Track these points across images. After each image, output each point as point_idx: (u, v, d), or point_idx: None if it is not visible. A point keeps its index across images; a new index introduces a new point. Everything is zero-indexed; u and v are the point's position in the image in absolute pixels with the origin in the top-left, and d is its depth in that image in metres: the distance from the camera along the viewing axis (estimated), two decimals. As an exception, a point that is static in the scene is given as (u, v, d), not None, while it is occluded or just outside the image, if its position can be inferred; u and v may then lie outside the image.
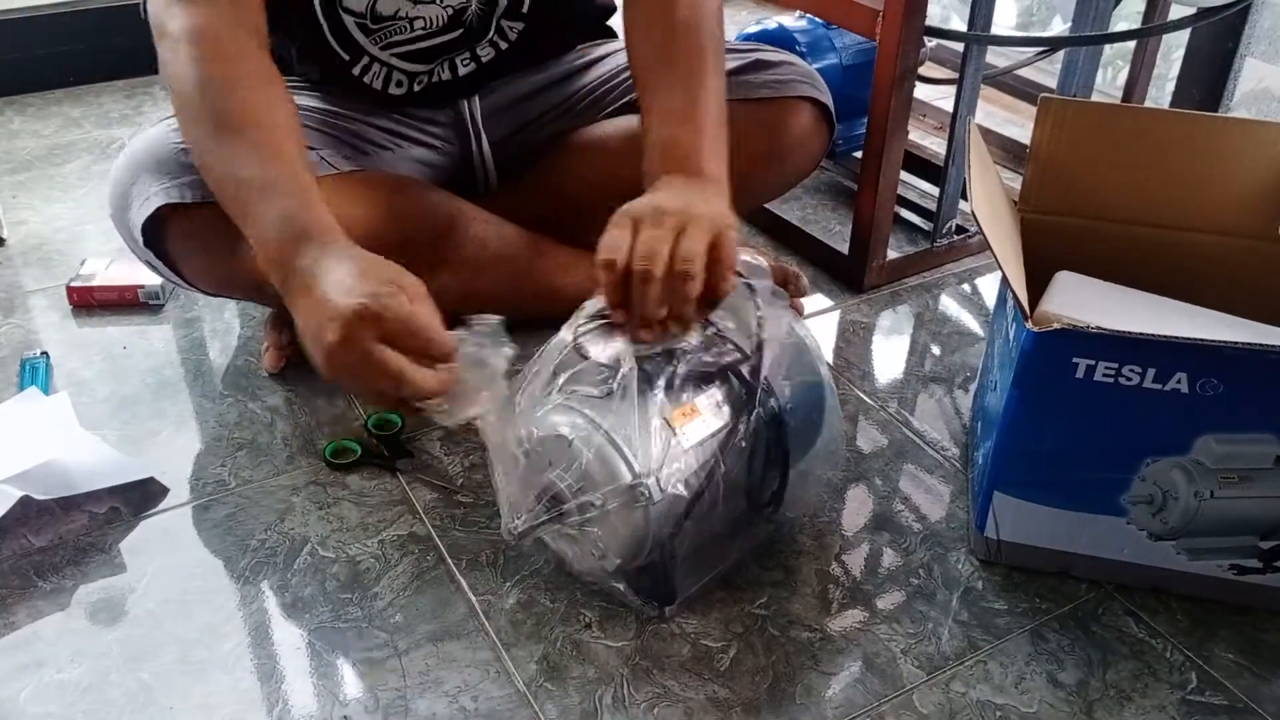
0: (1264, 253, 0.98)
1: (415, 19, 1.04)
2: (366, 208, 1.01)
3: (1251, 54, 1.44)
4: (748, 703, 0.79)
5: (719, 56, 0.95)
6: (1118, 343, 0.77)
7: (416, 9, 1.04)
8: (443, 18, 1.06)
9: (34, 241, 1.39)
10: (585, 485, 0.77)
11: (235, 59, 0.86)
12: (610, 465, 0.76)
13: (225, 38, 0.86)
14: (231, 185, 0.83)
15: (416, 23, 1.05)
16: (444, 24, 1.06)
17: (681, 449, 0.78)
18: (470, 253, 1.09)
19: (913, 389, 1.14)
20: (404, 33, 1.05)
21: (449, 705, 0.78)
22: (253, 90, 0.85)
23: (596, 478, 0.77)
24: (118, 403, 1.09)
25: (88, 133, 1.69)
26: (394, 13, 1.04)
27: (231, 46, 0.86)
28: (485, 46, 1.11)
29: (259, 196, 0.81)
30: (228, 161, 0.83)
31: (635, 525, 0.78)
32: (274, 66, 0.89)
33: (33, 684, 0.80)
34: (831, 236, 1.42)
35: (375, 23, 1.04)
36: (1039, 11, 2.17)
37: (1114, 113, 1.05)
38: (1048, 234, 1.00)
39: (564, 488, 0.78)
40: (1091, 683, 0.81)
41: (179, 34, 0.86)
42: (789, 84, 1.12)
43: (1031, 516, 0.87)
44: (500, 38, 1.11)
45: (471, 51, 1.11)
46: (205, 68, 0.85)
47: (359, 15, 1.03)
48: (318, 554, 0.91)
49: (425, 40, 1.07)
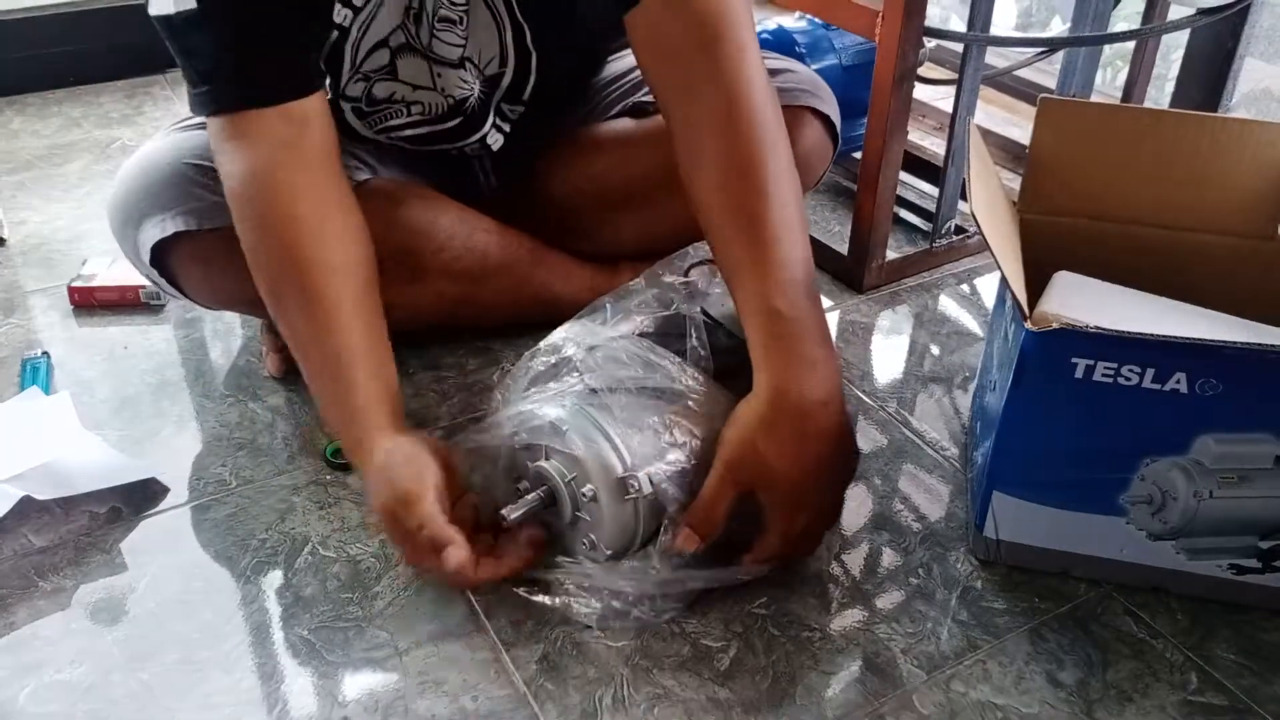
0: (1264, 253, 0.98)
1: (413, 104, 1.01)
2: (367, 219, 1.00)
3: (1251, 54, 1.44)
4: (748, 703, 0.79)
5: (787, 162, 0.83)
6: (1117, 343, 0.77)
7: (416, 93, 1.01)
8: (443, 106, 1.02)
9: (34, 241, 1.39)
10: (578, 476, 0.79)
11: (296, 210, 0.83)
12: (603, 457, 0.78)
13: (283, 184, 0.83)
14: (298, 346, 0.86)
15: (414, 107, 1.01)
16: (443, 112, 1.03)
17: (674, 446, 0.80)
18: (470, 263, 1.08)
19: (912, 389, 1.14)
20: (399, 117, 1.02)
21: (449, 705, 0.79)
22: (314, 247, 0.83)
23: (589, 468, 0.78)
24: (118, 403, 1.10)
25: (88, 133, 1.69)
26: (389, 95, 1.00)
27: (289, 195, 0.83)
28: (493, 133, 1.08)
29: (319, 373, 0.85)
30: (292, 324, 0.85)
31: (625, 519, 0.79)
32: (341, 188, 0.87)
33: (33, 684, 0.80)
34: (831, 236, 1.42)
35: (370, 105, 1.00)
36: (1039, 11, 2.17)
37: (1114, 113, 1.05)
38: (1047, 234, 1.00)
39: (556, 477, 0.80)
40: (1091, 683, 0.81)
41: (237, 176, 0.84)
42: (790, 92, 1.09)
43: (1031, 516, 0.87)
44: (503, 120, 1.08)
45: (481, 141, 1.08)
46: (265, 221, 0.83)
47: (354, 100, 1.00)
48: (318, 554, 0.91)
49: (424, 126, 1.04)
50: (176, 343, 1.20)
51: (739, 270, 0.80)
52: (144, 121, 1.72)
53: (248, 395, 1.11)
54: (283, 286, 0.84)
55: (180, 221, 0.95)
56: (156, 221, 0.95)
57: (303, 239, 0.83)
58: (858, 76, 1.41)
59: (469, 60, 1.01)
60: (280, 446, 1.03)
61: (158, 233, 0.95)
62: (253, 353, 1.17)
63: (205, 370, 1.15)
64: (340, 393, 0.84)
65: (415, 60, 1.00)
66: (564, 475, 0.80)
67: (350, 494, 0.98)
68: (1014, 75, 1.66)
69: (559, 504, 0.81)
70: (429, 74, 1.00)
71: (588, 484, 0.79)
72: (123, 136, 1.67)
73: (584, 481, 0.79)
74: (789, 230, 0.80)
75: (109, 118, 1.74)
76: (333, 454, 1.01)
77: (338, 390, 0.84)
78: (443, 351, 1.16)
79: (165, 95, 1.81)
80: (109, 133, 1.69)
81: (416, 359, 1.15)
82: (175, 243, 0.96)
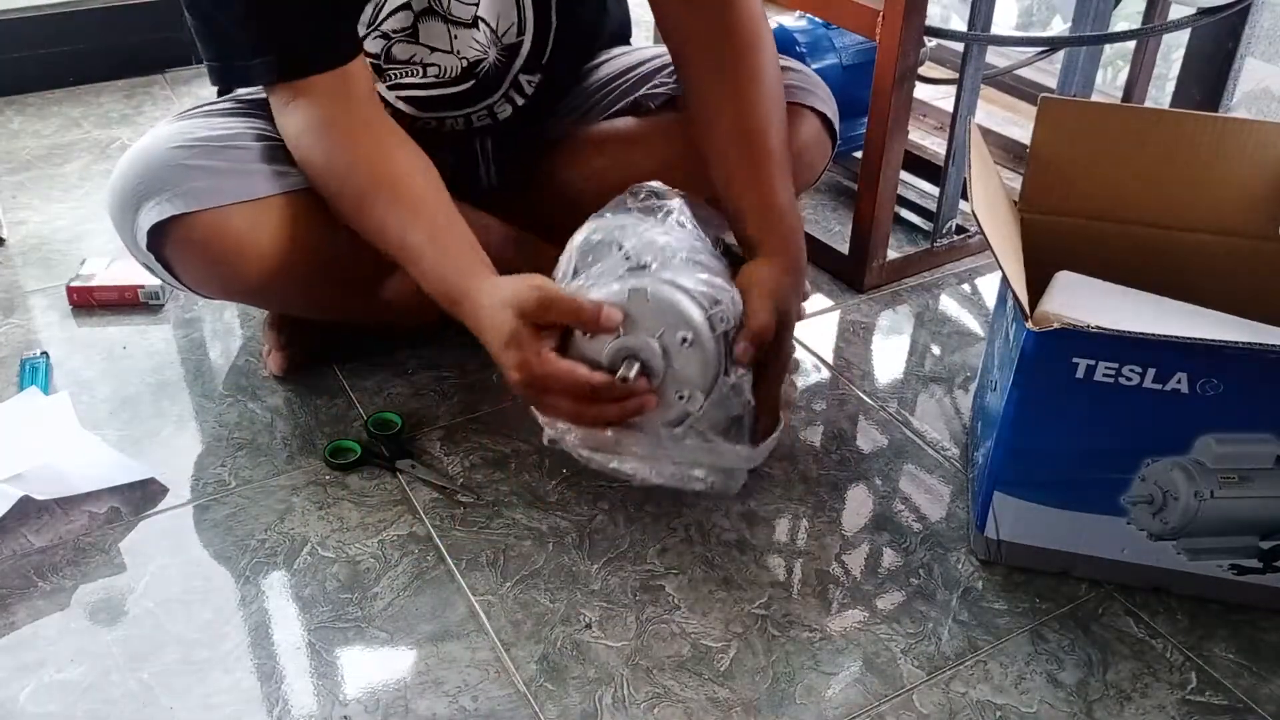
0: (1264, 253, 0.98)
1: (429, 65, 1.04)
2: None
3: (1251, 54, 1.44)
4: (748, 703, 0.79)
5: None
6: (1118, 342, 0.77)
7: (433, 55, 1.03)
8: (456, 68, 1.05)
9: (34, 241, 1.39)
10: (666, 331, 0.84)
11: (363, 139, 0.94)
12: (681, 307, 0.84)
13: (344, 123, 0.93)
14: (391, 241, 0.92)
15: (430, 69, 1.04)
16: (456, 75, 1.05)
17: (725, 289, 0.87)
18: None
19: (913, 389, 1.14)
20: (415, 76, 1.05)
21: (449, 705, 0.79)
22: (387, 163, 0.93)
23: (680, 317, 0.84)
24: (118, 403, 1.09)
25: (88, 133, 1.69)
26: (409, 57, 1.03)
27: (356, 128, 0.94)
28: (502, 103, 1.10)
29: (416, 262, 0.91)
30: (382, 226, 0.92)
31: (708, 359, 0.85)
32: (392, 123, 0.96)
33: (33, 684, 0.80)
34: (831, 236, 1.42)
35: (389, 63, 1.04)
36: (1039, 11, 2.17)
37: (1114, 113, 1.05)
38: (1048, 234, 1.00)
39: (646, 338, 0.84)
40: (1091, 683, 0.81)
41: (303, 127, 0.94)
42: (790, 90, 1.10)
43: (1031, 516, 0.87)
44: (516, 92, 1.10)
45: (489, 109, 1.10)
46: (338, 155, 0.93)
47: (374, 56, 1.03)
48: (318, 554, 0.91)
49: (435, 89, 1.06)
50: (176, 343, 1.20)
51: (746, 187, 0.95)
52: (144, 121, 1.71)
53: (247, 395, 1.11)
54: (369, 198, 0.93)
55: (180, 203, 0.95)
56: (153, 205, 0.95)
57: (380, 158, 0.94)
58: (858, 76, 1.41)
59: (482, 20, 1.03)
60: (280, 447, 1.03)
61: (155, 215, 0.95)
62: (252, 353, 1.17)
63: (205, 370, 1.15)
64: (439, 278, 0.91)
65: (436, 23, 1.02)
66: (654, 332, 0.84)
67: (350, 494, 0.98)
68: (1014, 75, 1.66)
69: (652, 367, 0.84)
70: (447, 37, 1.03)
71: (679, 332, 0.84)
72: (122, 136, 1.67)
73: (674, 332, 0.84)
74: (783, 168, 0.97)
75: (108, 118, 1.74)
76: (332, 454, 1.01)
77: (438, 272, 0.91)
78: (443, 351, 1.16)
79: (165, 95, 1.81)
80: (109, 133, 1.69)
81: (417, 359, 1.15)
82: (172, 228, 0.96)
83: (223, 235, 0.95)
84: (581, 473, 1.00)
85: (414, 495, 0.97)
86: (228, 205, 0.94)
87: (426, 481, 0.99)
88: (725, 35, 0.97)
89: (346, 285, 1.04)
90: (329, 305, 1.08)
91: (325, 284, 1.02)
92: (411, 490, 0.98)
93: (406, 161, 0.95)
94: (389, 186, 0.93)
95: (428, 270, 0.91)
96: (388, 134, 0.96)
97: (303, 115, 0.94)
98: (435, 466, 1.01)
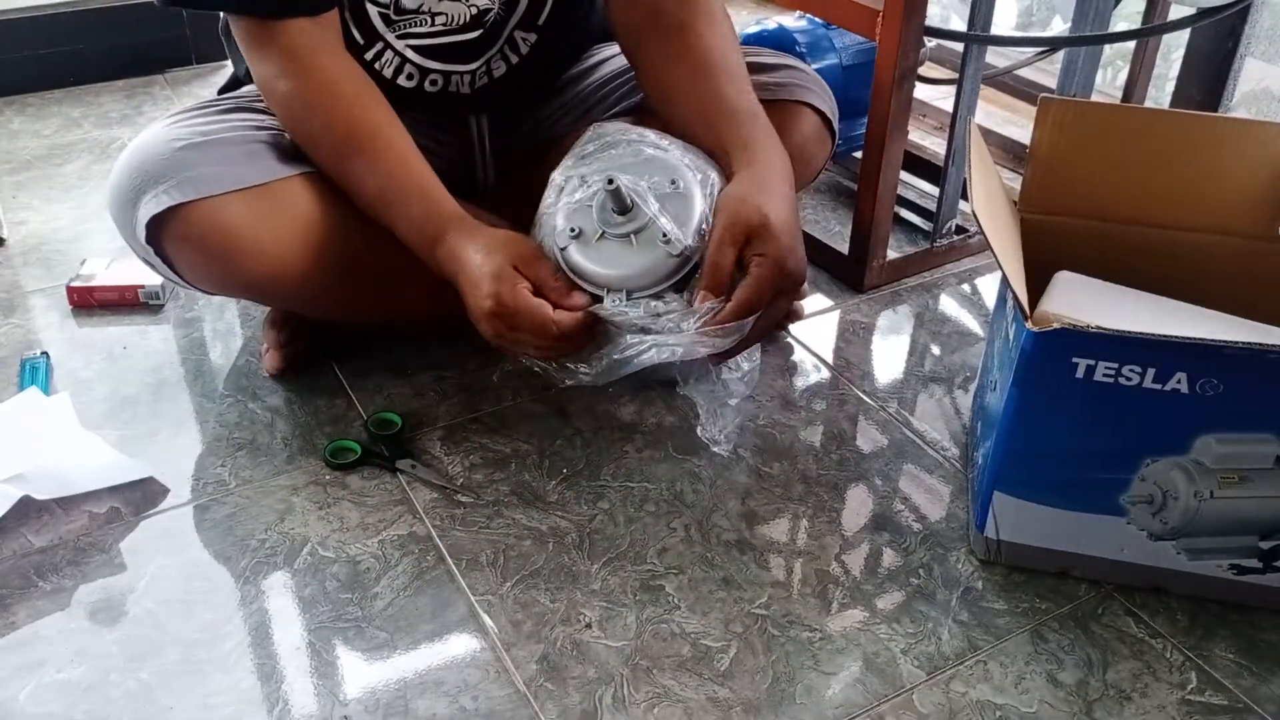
0: (1264, 253, 0.98)
1: (438, 14, 1.05)
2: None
3: (1251, 54, 1.44)
4: (748, 703, 0.79)
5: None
6: (1117, 342, 0.77)
7: (441, 4, 1.04)
8: (465, 16, 1.06)
9: (34, 241, 1.39)
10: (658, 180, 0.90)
11: (333, 80, 0.97)
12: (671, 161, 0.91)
13: (318, 71, 0.97)
14: (364, 198, 0.97)
15: (438, 18, 1.05)
16: (465, 23, 1.06)
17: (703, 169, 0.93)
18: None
19: (913, 389, 1.14)
20: (424, 25, 1.06)
21: (449, 705, 0.79)
22: (357, 106, 0.98)
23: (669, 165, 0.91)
24: (118, 403, 1.09)
25: (88, 133, 1.69)
26: (418, 6, 1.04)
27: (327, 67, 0.97)
28: (497, 59, 1.11)
29: (387, 208, 0.96)
30: (355, 178, 0.97)
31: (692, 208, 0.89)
32: (365, 75, 1.00)
33: (33, 684, 0.80)
34: (831, 236, 1.42)
35: (398, 14, 1.05)
36: (1039, 11, 2.17)
37: (1114, 113, 1.05)
38: (1048, 234, 1.00)
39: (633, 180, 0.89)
40: (1091, 683, 0.81)
41: (277, 70, 0.97)
42: (788, 87, 1.11)
43: (1031, 516, 0.87)
44: (511, 50, 1.11)
45: (486, 64, 1.11)
46: (309, 97, 0.97)
47: (383, 6, 1.04)
48: (318, 554, 0.91)
49: (443, 36, 1.07)
50: (176, 343, 1.20)
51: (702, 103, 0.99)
52: (144, 121, 1.71)
53: (247, 395, 1.11)
54: (345, 147, 0.97)
55: (177, 193, 0.95)
56: (151, 196, 0.96)
57: (354, 107, 0.97)
58: (858, 76, 1.41)
59: None
60: (280, 447, 1.03)
61: (154, 206, 0.95)
62: (252, 353, 1.17)
63: (204, 370, 1.15)
64: (416, 215, 0.95)
65: None
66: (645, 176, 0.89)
67: (350, 494, 0.98)
68: (1014, 75, 1.66)
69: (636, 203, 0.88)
70: None
71: (669, 178, 0.89)
72: (122, 136, 1.67)
73: (665, 177, 0.89)
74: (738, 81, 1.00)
75: (108, 118, 1.74)
76: (332, 454, 1.01)
77: (413, 212, 0.95)
78: (443, 351, 1.16)
79: (165, 95, 1.81)
80: (108, 133, 1.69)
81: (417, 359, 1.15)
82: (171, 219, 0.96)
83: (221, 224, 0.95)
84: (582, 472, 1.00)
85: (414, 495, 0.98)
86: (225, 194, 0.95)
87: (426, 481, 0.99)
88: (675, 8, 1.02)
89: (347, 278, 1.04)
90: (330, 300, 1.08)
91: (325, 277, 1.02)
92: (411, 490, 0.98)
93: (380, 112, 0.98)
94: (367, 135, 0.96)
95: (412, 213, 0.95)
96: (362, 85, 0.99)
97: (278, 60, 0.97)
98: (435, 466, 1.01)
